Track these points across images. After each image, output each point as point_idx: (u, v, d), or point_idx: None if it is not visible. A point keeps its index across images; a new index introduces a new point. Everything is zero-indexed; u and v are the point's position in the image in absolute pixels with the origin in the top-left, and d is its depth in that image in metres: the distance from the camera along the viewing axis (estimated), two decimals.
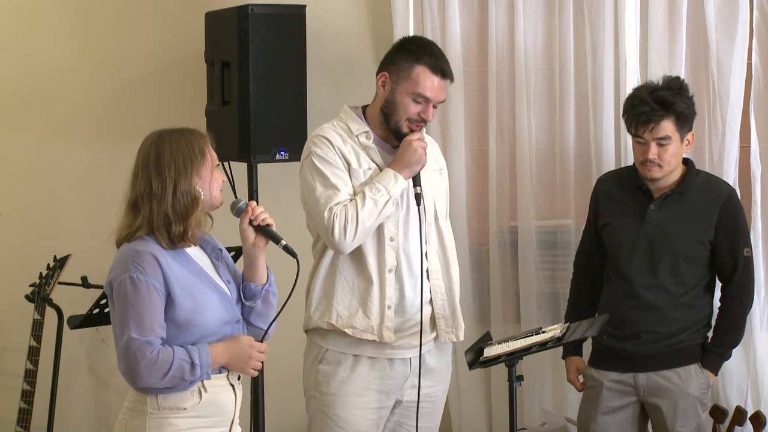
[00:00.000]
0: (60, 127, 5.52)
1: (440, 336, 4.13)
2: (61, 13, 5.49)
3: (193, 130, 3.46)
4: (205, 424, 3.43)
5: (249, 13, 4.74)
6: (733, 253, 4.33)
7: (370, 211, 3.92)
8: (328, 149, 4.01)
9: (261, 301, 3.54)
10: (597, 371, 4.42)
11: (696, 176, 4.37)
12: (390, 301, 4.02)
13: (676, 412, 4.31)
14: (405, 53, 4.03)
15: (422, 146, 3.98)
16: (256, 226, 3.50)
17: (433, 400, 4.17)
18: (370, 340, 4.02)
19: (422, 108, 4.00)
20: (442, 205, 4.16)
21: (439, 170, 4.18)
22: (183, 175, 3.37)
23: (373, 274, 4.01)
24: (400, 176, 3.96)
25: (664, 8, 4.75)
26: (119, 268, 3.35)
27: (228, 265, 3.57)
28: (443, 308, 4.12)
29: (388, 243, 4.01)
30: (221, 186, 3.47)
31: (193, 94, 5.16)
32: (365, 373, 4.05)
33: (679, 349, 4.33)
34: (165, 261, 3.34)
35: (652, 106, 4.22)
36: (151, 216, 3.36)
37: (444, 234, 4.14)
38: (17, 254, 5.51)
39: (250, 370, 3.47)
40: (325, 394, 4.06)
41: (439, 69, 3.99)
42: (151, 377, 3.30)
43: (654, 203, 4.32)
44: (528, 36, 4.90)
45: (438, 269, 4.12)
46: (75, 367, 5.51)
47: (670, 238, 4.29)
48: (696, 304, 4.35)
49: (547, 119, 4.94)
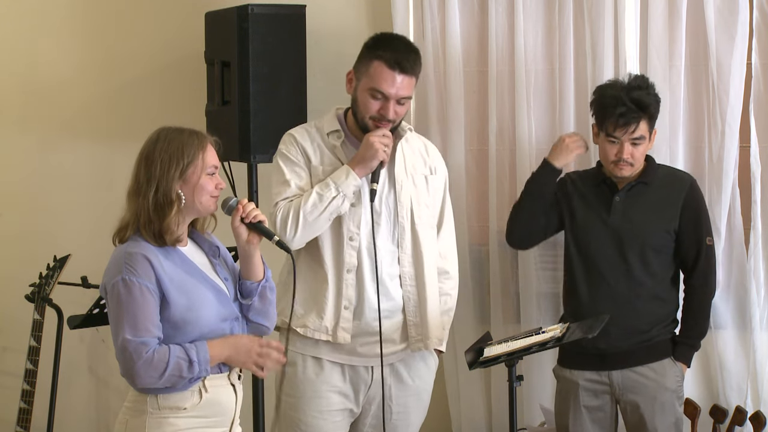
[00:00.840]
0: (60, 127, 5.52)
1: (410, 344, 4.08)
2: (61, 14, 5.48)
3: (194, 133, 3.44)
4: (205, 424, 3.43)
5: (249, 13, 4.74)
6: (697, 241, 4.37)
7: (313, 206, 3.87)
8: (291, 146, 4.01)
9: (258, 297, 3.53)
10: (570, 371, 4.42)
11: (657, 168, 4.42)
12: (347, 301, 3.97)
13: (654, 407, 4.32)
14: (367, 48, 3.99)
15: (382, 141, 3.90)
16: (248, 223, 3.49)
17: (406, 411, 4.11)
18: (324, 340, 3.98)
19: (381, 105, 3.92)
20: (425, 211, 4.09)
21: (425, 175, 4.12)
22: (165, 176, 3.37)
23: (329, 273, 3.97)
24: (352, 172, 3.90)
25: (664, 8, 4.75)
26: (112, 270, 3.36)
27: (226, 262, 3.57)
28: (415, 315, 4.06)
29: (347, 242, 3.96)
30: (216, 193, 3.44)
31: (193, 94, 5.16)
32: (326, 375, 4.01)
33: (651, 344, 4.35)
34: (157, 261, 3.35)
35: (630, 107, 4.25)
36: (138, 211, 3.38)
37: (422, 240, 4.06)
38: (17, 254, 5.51)
39: (253, 366, 3.46)
40: (288, 395, 4.04)
41: (395, 63, 3.90)
42: (148, 377, 3.30)
43: (619, 194, 4.35)
44: (528, 36, 4.90)
45: (411, 275, 4.06)
46: (75, 367, 5.50)
47: (638, 228, 4.33)
48: (665, 296, 4.38)
49: (547, 119, 4.94)
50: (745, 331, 4.76)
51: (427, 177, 4.13)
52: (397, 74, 3.91)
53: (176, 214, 3.38)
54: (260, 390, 4.95)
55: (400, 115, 3.99)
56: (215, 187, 3.44)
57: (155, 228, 3.37)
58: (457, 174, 4.97)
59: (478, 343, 3.94)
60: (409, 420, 4.14)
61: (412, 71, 3.94)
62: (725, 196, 4.72)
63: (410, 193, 4.06)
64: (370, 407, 4.07)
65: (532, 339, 3.95)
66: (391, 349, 4.06)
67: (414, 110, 5.07)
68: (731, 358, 4.77)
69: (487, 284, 5.03)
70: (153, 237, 3.38)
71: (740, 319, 4.77)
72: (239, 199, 3.52)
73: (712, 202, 4.72)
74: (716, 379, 4.78)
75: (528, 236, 4.54)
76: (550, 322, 4.74)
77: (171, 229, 3.38)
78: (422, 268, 4.07)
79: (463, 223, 4.99)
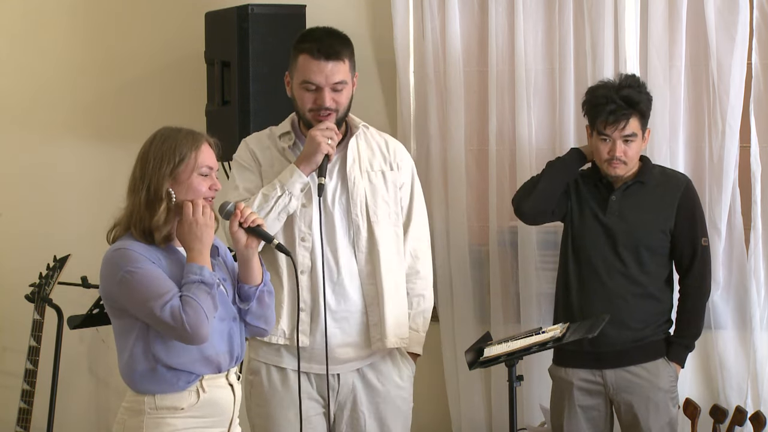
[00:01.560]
0: (60, 127, 5.52)
1: (372, 344, 4.00)
2: (61, 14, 5.48)
3: (190, 133, 3.43)
4: (203, 424, 3.43)
5: (249, 13, 4.74)
6: (693, 242, 4.37)
7: (259, 207, 3.82)
8: (242, 152, 4.00)
9: (256, 301, 3.52)
10: (564, 370, 4.42)
11: (653, 168, 4.42)
12: (303, 303, 3.90)
13: (648, 407, 4.32)
14: (293, 48, 3.95)
15: (324, 135, 3.83)
16: (246, 227, 3.49)
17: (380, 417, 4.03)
18: (282, 344, 3.92)
19: (316, 95, 3.87)
20: (382, 208, 4.01)
21: (383, 171, 4.03)
22: (156, 174, 3.37)
23: (284, 275, 3.92)
24: (297, 170, 3.85)
25: (664, 8, 4.75)
26: (111, 271, 3.36)
27: (225, 263, 3.57)
28: (374, 315, 3.98)
29: (300, 243, 3.91)
30: (210, 194, 3.42)
31: (193, 94, 5.16)
32: (292, 384, 3.94)
33: (645, 344, 4.35)
34: (153, 256, 3.35)
35: (620, 104, 4.26)
36: (132, 209, 3.39)
37: (378, 238, 3.97)
38: (17, 254, 5.51)
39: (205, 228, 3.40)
40: (257, 405, 4.00)
41: (319, 52, 3.85)
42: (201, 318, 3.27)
43: (615, 193, 4.36)
44: (528, 36, 4.90)
45: (370, 273, 3.97)
46: (75, 367, 5.50)
47: (633, 228, 4.33)
48: (659, 296, 4.37)
49: (547, 119, 4.94)
50: (745, 331, 4.76)
51: (385, 173, 4.04)
52: (323, 61, 3.86)
53: (165, 211, 3.37)
54: None
55: (341, 103, 3.91)
56: (209, 188, 3.42)
57: (145, 225, 3.37)
58: (457, 174, 4.97)
59: (478, 343, 3.95)
60: (387, 427, 4.04)
61: (337, 56, 3.87)
62: (725, 196, 4.73)
63: (365, 190, 3.98)
64: (343, 414, 4.01)
65: (532, 339, 3.95)
66: (357, 354, 4.00)
67: (414, 110, 5.07)
68: (731, 358, 4.77)
69: (487, 284, 5.03)
70: (143, 235, 3.38)
71: (740, 319, 4.77)
72: (236, 203, 3.51)
73: (712, 202, 4.72)
74: (716, 379, 4.78)
75: (540, 212, 4.49)
76: (550, 322, 4.73)
77: (159, 225, 3.37)
78: (379, 266, 3.97)
79: (463, 223, 5.00)
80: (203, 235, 3.37)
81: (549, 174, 4.44)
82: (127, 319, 3.37)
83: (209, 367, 3.42)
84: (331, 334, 3.88)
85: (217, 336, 3.43)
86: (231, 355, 3.48)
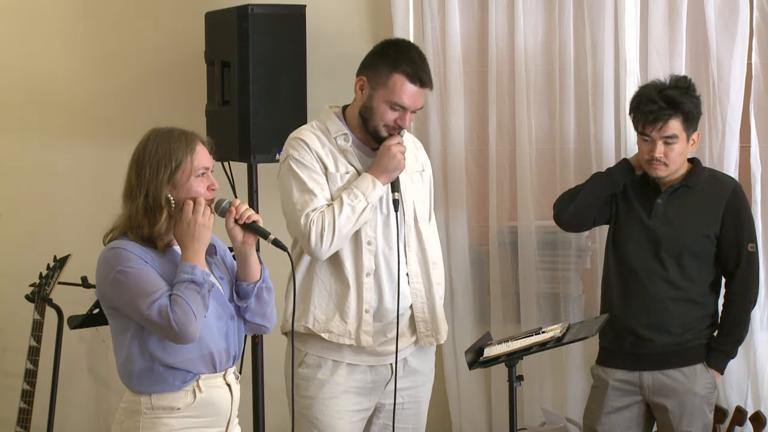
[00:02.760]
0: (60, 127, 5.51)
1: (420, 339, 4.11)
2: (61, 14, 5.48)
3: (183, 135, 3.42)
4: (200, 424, 3.42)
5: (249, 13, 4.74)
6: (738, 246, 4.33)
7: (347, 218, 3.89)
8: (305, 152, 3.98)
9: (254, 298, 3.52)
10: (603, 369, 4.42)
11: (702, 171, 4.39)
12: (368, 305, 3.99)
13: (683, 411, 4.31)
14: (384, 59, 3.96)
15: (401, 151, 3.94)
16: (242, 224, 3.48)
17: (417, 401, 4.15)
18: (348, 344, 4.00)
19: (399, 115, 3.94)
20: (422, 207, 4.12)
21: (420, 172, 4.14)
22: (154, 181, 3.36)
23: (350, 278, 3.98)
24: (378, 182, 3.92)
25: (664, 8, 4.75)
26: (104, 271, 3.37)
27: (224, 261, 3.57)
28: (423, 312, 4.09)
29: (366, 247, 3.98)
30: (208, 194, 3.41)
31: (193, 94, 5.15)
32: (344, 376, 4.03)
33: (685, 348, 4.33)
34: (147, 256, 3.35)
35: (660, 104, 4.22)
36: (130, 214, 3.38)
37: (424, 236, 4.09)
38: (17, 254, 5.50)
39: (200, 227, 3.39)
40: (305, 398, 4.04)
41: (417, 78, 3.92)
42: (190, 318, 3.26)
43: (661, 197, 4.33)
44: (528, 36, 4.90)
45: (418, 272, 4.08)
46: (75, 367, 5.50)
47: (677, 232, 4.30)
48: (701, 300, 4.35)
49: (547, 119, 4.94)
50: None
51: (421, 173, 4.15)
52: (418, 88, 3.94)
53: (166, 220, 3.37)
54: (260, 390, 4.95)
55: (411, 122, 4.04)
56: (207, 188, 3.42)
57: (144, 232, 3.37)
58: (457, 174, 4.97)
59: (478, 343, 3.94)
60: (420, 409, 4.17)
61: (429, 84, 3.98)
62: None
63: (411, 192, 4.08)
64: (385, 402, 4.09)
65: (532, 339, 3.94)
66: (405, 344, 4.09)
67: None
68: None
69: (487, 284, 5.03)
70: (141, 240, 3.38)
71: None
72: (232, 201, 3.50)
73: None
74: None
75: (578, 223, 4.50)
76: (550, 322, 4.74)
77: (161, 234, 3.38)
78: (427, 265, 4.10)
79: (463, 223, 5.00)
80: (200, 235, 3.36)
81: (592, 185, 4.42)
82: (123, 318, 3.37)
83: (206, 365, 3.42)
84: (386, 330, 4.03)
85: (215, 334, 3.43)
86: (228, 353, 3.48)
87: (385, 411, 4.11)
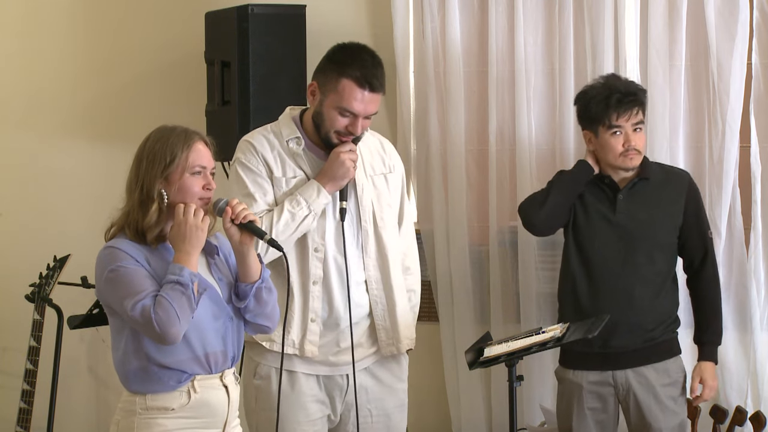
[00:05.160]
0: (60, 127, 5.52)
1: (381, 348, 4.01)
2: (61, 14, 5.49)
3: (183, 132, 3.42)
4: (195, 425, 3.42)
5: (249, 13, 4.75)
6: (702, 236, 4.36)
7: (285, 224, 3.81)
8: (251, 155, 3.90)
9: (253, 298, 3.50)
10: (573, 372, 4.38)
11: (652, 164, 4.39)
12: (314, 314, 3.89)
13: (659, 408, 4.30)
14: (333, 63, 3.84)
15: (351, 158, 3.82)
16: (239, 224, 3.47)
17: (386, 413, 4.05)
18: (290, 354, 3.90)
19: (350, 122, 3.82)
20: (387, 211, 4.01)
21: (384, 174, 4.03)
22: (148, 174, 3.37)
23: (296, 286, 3.88)
24: (323, 190, 3.83)
25: (664, 8, 4.75)
26: (99, 270, 3.38)
27: (227, 263, 3.56)
28: (384, 319, 3.99)
29: (313, 254, 3.89)
30: (204, 194, 3.40)
31: (193, 94, 5.16)
32: (300, 387, 3.94)
33: (655, 344, 4.32)
34: (142, 257, 3.35)
35: (623, 92, 4.25)
36: (129, 209, 3.40)
37: (385, 242, 3.98)
38: (17, 254, 5.51)
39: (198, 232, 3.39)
40: (264, 410, 3.96)
41: (366, 82, 3.79)
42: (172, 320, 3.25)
43: (622, 192, 4.32)
44: (528, 36, 4.90)
45: (378, 278, 3.98)
46: (75, 367, 5.51)
47: (645, 225, 4.30)
48: (668, 295, 4.35)
49: (547, 119, 4.94)
50: (745, 331, 4.76)
51: (386, 176, 4.04)
52: (367, 92, 3.80)
53: (156, 212, 3.37)
54: None
55: (365, 129, 3.90)
56: (203, 187, 3.41)
57: (138, 226, 3.38)
58: (457, 174, 4.97)
59: (478, 343, 3.94)
60: (390, 422, 4.06)
61: (381, 88, 3.84)
62: (725, 196, 4.72)
63: (371, 196, 3.98)
64: (349, 414, 4.00)
65: (532, 339, 3.94)
66: (364, 354, 4.00)
67: (414, 110, 5.07)
68: (731, 358, 4.76)
69: (487, 284, 5.03)
70: (136, 234, 3.38)
71: (740, 319, 4.77)
72: (229, 200, 3.50)
73: (712, 202, 4.72)
74: (716, 379, 4.77)
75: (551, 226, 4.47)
76: (550, 322, 4.74)
77: (151, 226, 3.37)
78: (388, 271, 3.99)
79: (463, 223, 5.00)
80: (192, 237, 3.35)
81: (559, 187, 4.39)
82: (119, 316, 3.38)
83: (201, 366, 3.41)
84: (340, 339, 3.93)
85: (212, 335, 3.43)
86: (226, 355, 3.47)
87: (351, 423, 4.00)
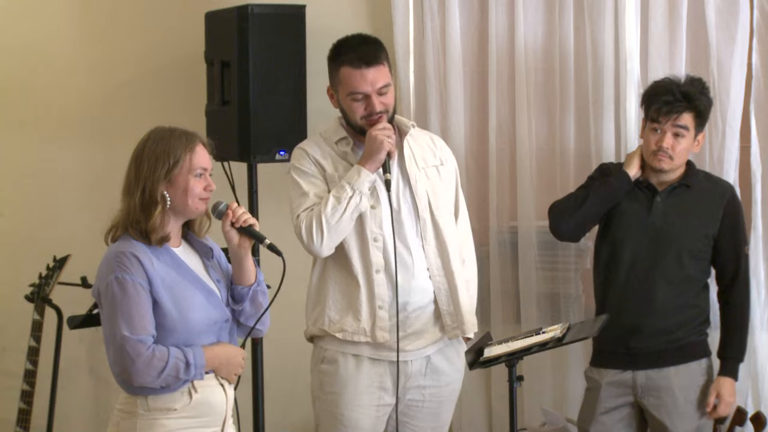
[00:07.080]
0: (60, 127, 5.52)
1: (447, 332, 4.12)
2: (60, 13, 5.49)
3: (184, 134, 3.43)
4: (196, 425, 3.43)
5: (249, 13, 4.75)
6: (737, 249, 4.36)
7: (333, 208, 3.91)
8: (303, 159, 4.05)
9: (249, 302, 3.53)
10: (596, 370, 4.42)
11: (698, 173, 4.42)
12: (381, 301, 4.00)
13: (677, 411, 4.30)
14: (331, 61, 4.05)
15: (383, 134, 3.94)
16: (238, 227, 3.49)
17: (439, 400, 4.16)
18: (363, 342, 4.02)
19: (365, 103, 3.98)
20: (443, 202, 4.13)
21: (436, 166, 4.16)
22: (151, 177, 3.38)
23: (359, 275, 4.00)
24: (363, 169, 3.94)
25: (664, 8, 4.75)
26: (104, 270, 3.38)
27: (220, 264, 3.57)
28: (448, 304, 4.11)
29: (372, 243, 4.00)
30: (205, 195, 3.43)
31: (193, 94, 5.15)
32: (366, 371, 4.05)
33: (678, 346, 4.33)
34: (148, 260, 3.36)
35: (677, 96, 4.26)
36: (128, 210, 3.40)
37: (442, 228, 4.10)
38: (17, 254, 5.51)
39: (233, 377, 3.51)
40: (329, 393, 4.07)
41: (360, 61, 3.96)
42: (147, 375, 3.30)
43: (660, 195, 4.33)
44: (528, 36, 4.90)
45: (439, 265, 4.09)
46: (75, 367, 5.51)
47: (677, 230, 4.31)
48: (696, 301, 4.36)
49: (547, 119, 4.94)
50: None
51: (438, 168, 4.17)
52: (364, 69, 3.96)
53: (161, 214, 3.38)
54: (260, 390, 4.95)
55: (388, 104, 4.02)
56: (204, 189, 3.43)
57: (141, 227, 3.38)
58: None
59: (478, 343, 3.94)
60: (440, 409, 4.17)
61: (377, 61, 3.98)
62: None
63: (425, 186, 4.10)
64: (404, 397, 4.10)
65: (532, 339, 3.94)
66: (428, 341, 4.10)
67: (414, 110, 5.07)
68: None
69: (487, 284, 5.02)
70: (140, 235, 3.39)
71: None
72: (229, 203, 3.51)
73: None
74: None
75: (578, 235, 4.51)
76: (550, 322, 4.73)
77: (156, 228, 3.38)
78: (448, 258, 4.10)
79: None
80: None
81: (597, 196, 4.38)
82: None
83: None
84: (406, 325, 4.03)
85: (210, 337, 3.45)
86: None
87: (404, 406, 4.10)
